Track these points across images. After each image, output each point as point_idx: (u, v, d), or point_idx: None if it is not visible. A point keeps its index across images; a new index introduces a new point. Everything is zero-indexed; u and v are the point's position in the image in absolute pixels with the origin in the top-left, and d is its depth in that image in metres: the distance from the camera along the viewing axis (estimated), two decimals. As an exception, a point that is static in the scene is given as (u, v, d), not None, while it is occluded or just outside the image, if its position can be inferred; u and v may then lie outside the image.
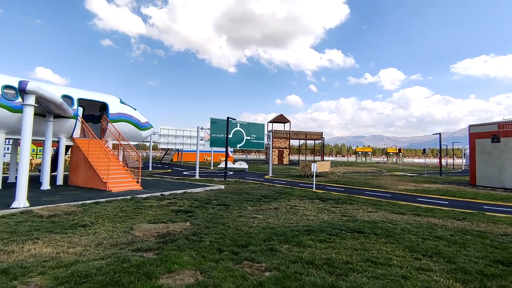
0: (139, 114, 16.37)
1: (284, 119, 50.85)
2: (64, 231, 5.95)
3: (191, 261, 4.47)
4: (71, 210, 7.78)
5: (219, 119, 20.41)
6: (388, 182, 18.78)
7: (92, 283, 3.70)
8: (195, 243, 5.33)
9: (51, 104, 10.15)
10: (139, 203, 9.17)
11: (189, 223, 6.80)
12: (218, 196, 11.21)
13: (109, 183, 11.56)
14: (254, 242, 5.46)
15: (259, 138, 22.54)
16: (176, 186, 13.56)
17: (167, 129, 31.70)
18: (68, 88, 13.88)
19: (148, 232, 6.02)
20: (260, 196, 11.44)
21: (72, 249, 4.93)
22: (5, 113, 11.00)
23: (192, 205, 9.10)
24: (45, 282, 3.73)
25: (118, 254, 4.71)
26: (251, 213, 8.17)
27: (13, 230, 5.92)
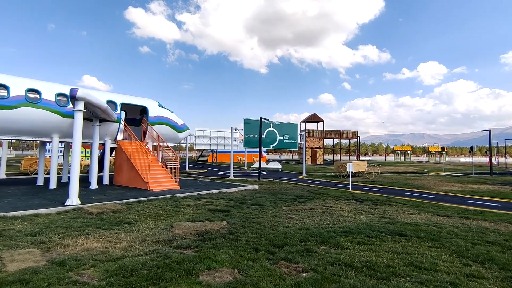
0: (176, 116, 17.03)
1: (317, 118, 50.00)
2: (111, 228, 6.37)
3: (228, 260, 4.58)
4: (116, 208, 8.32)
5: (252, 119, 20.59)
6: (430, 183, 17.71)
7: (138, 277, 3.92)
8: (232, 242, 5.44)
9: (97, 109, 10.92)
10: (178, 202, 9.55)
11: (226, 222, 6.95)
12: (253, 196, 11.32)
13: (150, 182, 12.17)
14: (290, 242, 5.45)
15: (292, 138, 22.39)
16: (211, 186, 13.92)
17: (202, 131, 32.62)
18: (111, 94, 14.84)
19: (187, 230, 6.25)
20: (295, 196, 11.37)
21: (119, 245, 5.26)
22: (58, 119, 12.03)
23: (228, 205, 9.28)
24: (96, 274, 4.03)
25: (160, 251, 4.95)
26: (286, 213, 8.15)
27: (67, 225, 6.46)
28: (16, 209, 7.71)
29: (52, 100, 11.90)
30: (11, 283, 3.70)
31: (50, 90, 12.02)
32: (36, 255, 4.68)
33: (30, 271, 4.03)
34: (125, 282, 3.77)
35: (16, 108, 10.99)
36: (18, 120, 11.16)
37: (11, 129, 11.29)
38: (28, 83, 11.65)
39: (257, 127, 19.93)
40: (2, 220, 6.74)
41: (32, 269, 4.10)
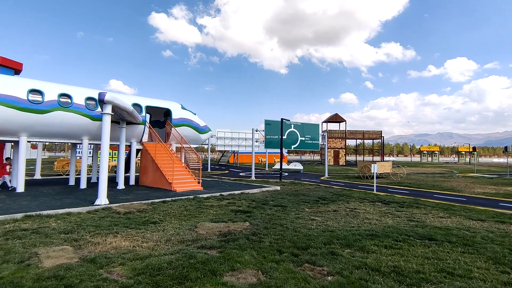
0: (198, 118, 17.32)
1: (339, 119, 49.12)
2: (138, 227, 6.56)
3: (252, 261, 4.58)
4: (142, 208, 8.56)
5: (273, 120, 20.54)
6: (461, 185, 16.88)
7: (164, 276, 4.01)
8: (255, 243, 5.44)
9: (124, 112, 11.31)
10: (201, 203, 9.69)
11: (248, 223, 6.97)
12: (275, 197, 11.28)
13: (174, 183, 12.44)
14: (313, 244, 5.37)
15: (313, 139, 22.12)
16: (233, 187, 14.01)
17: (223, 132, 32.97)
18: (137, 97, 15.32)
19: (211, 230, 6.33)
20: (317, 197, 11.21)
21: (146, 244, 5.41)
22: (88, 122, 12.58)
23: (250, 206, 9.30)
24: (125, 272, 4.16)
25: (185, 251, 5.04)
26: (309, 215, 8.05)
27: (97, 224, 6.73)
28: (50, 208, 8.13)
29: (82, 104, 12.46)
30: (47, 278, 3.89)
31: (80, 95, 12.60)
32: (69, 252, 4.91)
33: (64, 268, 4.23)
34: (152, 281, 3.87)
35: (50, 112, 11.60)
36: (52, 124, 11.77)
37: (45, 132, 11.93)
38: (60, 88, 12.26)
39: (278, 128, 19.86)
40: (38, 218, 7.13)
41: (66, 266, 4.30)
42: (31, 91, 11.35)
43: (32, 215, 7.36)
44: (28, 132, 11.55)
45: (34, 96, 11.40)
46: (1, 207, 8.32)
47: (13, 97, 10.88)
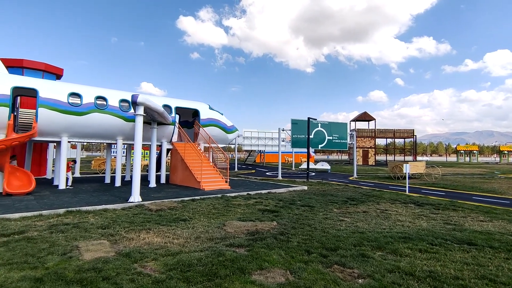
0: (225, 118, 17.57)
1: (368, 117, 47.65)
2: (169, 224, 6.79)
3: (280, 260, 4.58)
4: (173, 205, 8.84)
5: (300, 120, 20.34)
6: (503, 186, 15.72)
7: (194, 272, 4.12)
8: (283, 243, 5.43)
9: (155, 113, 11.74)
10: (229, 202, 9.82)
11: (276, 223, 6.97)
12: (302, 197, 11.18)
13: (202, 182, 12.72)
14: (343, 246, 5.26)
15: (341, 138, 21.65)
16: (260, 186, 14.06)
17: (250, 132, 33.17)
18: (167, 99, 15.84)
19: (239, 229, 6.40)
20: (346, 198, 10.96)
21: (176, 240, 5.58)
22: (122, 123, 13.20)
23: (277, 205, 9.29)
24: (157, 267, 4.32)
25: (214, 248, 5.13)
26: (338, 216, 7.89)
27: (131, 220, 7.04)
28: (89, 204, 8.63)
29: (116, 106, 13.10)
30: (87, 270, 4.14)
31: (114, 97, 13.25)
32: (106, 246, 5.18)
33: (102, 261, 4.47)
34: (183, 277, 3.98)
35: (88, 114, 12.32)
36: (89, 125, 12.49)
37: (83, 133, 12.68)
38: (96, 91, 12.98)
39: (305, 127, 19.65)
40: (78, 214, 7.60)
41: (104, 259, 4.55)
42: (71, 94, 12.11)
43: (73, 210, 7.86)
44: (68, 133, 12.33)
45: (74, 99, 12.15)
46: (45, 202, 8.97)
47: (55, 100, 11.68)
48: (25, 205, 8.41)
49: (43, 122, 11.45)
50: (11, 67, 13.92)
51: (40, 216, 7.32)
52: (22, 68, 15.15)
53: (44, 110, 11.42)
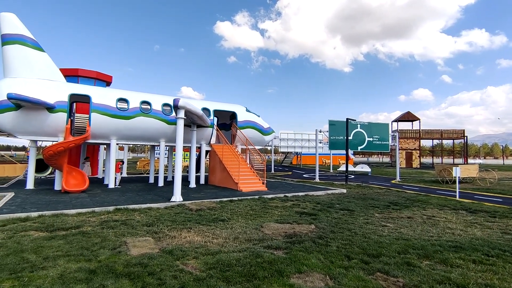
0: (262, 120, 17.70)
1: (411, 117, 44.96)
2: (208, 224, 6.99)
3: (319, 265, 4.49)
4: (212, 206, 9.09)
5: (338, 121, 19.83)
6: None
7: (233, 272, 4.19)
8: (322, 247, 5.32)
9: (194, 116, 12.18)
10: (266, 203, 9.86)
11: (314, 226, 6.85)
12: (341, 200, 10.87)
13: (240, 183, 12.92)
14: (386, 253, 5.02)
15: (382, 139, 20.68)
16: (297, 188, 13.93)
17: (286, 133, 33.02)
18: (205, 102, 16.36)
19: (276, 231, 6.39)
20: (388, 202, 10.45)
21: (216, 240, 5.73)
22: (164, 126, 13.89)
23: (315, 208, 9.13)
24: (198, 266, 4.47)
25: (252, 249, 5.19)
26: (379, 221, 7.55)
27: (173, 219, 7.37)
28: (135, 203, 9.19)
29: (159, 110, 13.81)
30: (134, 265, 4.41)
31: (157, 101, 13.98)
32: (151, 243, 5.48)
33: (147, 257, 4.73)
34: (223, 276, 4.08)
35: (134, 118, 13.14)
36: (135, 128, 13.32)
37: (130, 136, 13.55)
38: (141, 96, 13.80)
39: (343, 128, 19.09)
40: (125, 211, 8.13)
41: (149, 255, 4.81)
42: (119, 99, 13.01)
43: (121, 208, 8.42)
44: (117, 136, 13.25)
45: (122, 104, 13.04)
46: (97, 200, 9.72)
47: (105, 106, 12.63)
48: (80, 202, 9.18)
49: (95, 125, 12.43)
50: (68, 76, 15.29)
51: (93, 212, 7.95)
52: (77, 77, 16.58)
53: (96, 115, 12.40)
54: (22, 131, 11.74)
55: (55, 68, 12.91)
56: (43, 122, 11.67)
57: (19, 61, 11.89)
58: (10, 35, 11.88)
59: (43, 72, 12.28)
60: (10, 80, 11.52)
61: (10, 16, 12.10)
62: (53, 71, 12.74)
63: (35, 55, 12.25)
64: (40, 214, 7.44)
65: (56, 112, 11.75)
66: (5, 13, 12.08)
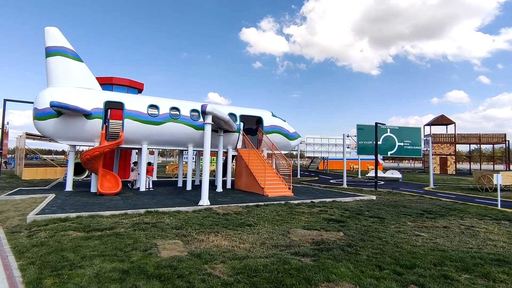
0: (288, 125, 17.62)
1: (445, 120, 42.68)
2: (235, 228, 7.03)
3: (348, 274, 4.36)
4: (238, 210, 9.15)
5: (366, 125, 19.30)
6: None
7: (260, 278, 4.18)
8: (351, 255, 5.17)
9: (221, 121, 12.38)
10: (292, 209, 9.76)
11: (342, 233, 6.68)
12: (370, 207, 10.52)
13: (266, 188, 12.91)
14: (420, 264, 4.78)
15: (414, 144, 19.81)
16: (324, 194, 13.67)
17: (312, 138, 32.63)
18: (231, 107, 16.59)
19: (303, 237, 6.31)
20: (421, 210, 9.96)
21: (243, 245, 5.75)
22: (192, 131, 14.24)
23: (343, 215, 8.91)
24: (226, 270, 4.50)
25: (279, 255, 5.15)
26: (412, 230, 7.21)
27: (201, 222, 7.50)
28: (164, 206, 9.47)
29: (187, 116, 14.20)
30: (164, 267, 4.53)
31: (186, 107, 14.38)
32: (180, 246, 5.60)
33: (177, 259, 4.84)
34: (250, 282, 4.08)
35: (164, 123, 13.61)
36: (165, 133, 13.78)
37: (160, 141, 14.04)
38: (170, 103, 14.26)
39: (372, 132, 18.52)
40: (156, 214, 8.40)
41: (178, 258, 4.92)
42: (150, 106, 13.54)
43: (152, 211, 8.71)
44: (148, 141, 13.78)
45: (152, 110, 13.55)
46: (129, 202, 10.12)
47: (137, 112, 13.19)
48: (114, 205, 9.62)
49: (128, 131, 13.01)
50: (103, 84, 16.16)
51: (126, 214, 8.29)
52: (111, 85, 17.50)
53: (129, 121, 12.99)
54: (62, 136, 12.54)
55: (92, 77, 13.72)
56: (81, 128, 12.40)
57: (60, 71, 12.76)
58: (53, 47, 12.81)
59: (81, 81, 13.09)
60: (53, 89, 12.38)
61: (53, 30, 13.06)
62: (90, 80, 13.55)
63: (75, 66, 13.10)
64: (78, 215, 7.88)
65: (93, 119, 12.45)
66: (49, 27, 13.06)
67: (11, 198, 11.03)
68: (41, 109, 11.90)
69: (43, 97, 11.98)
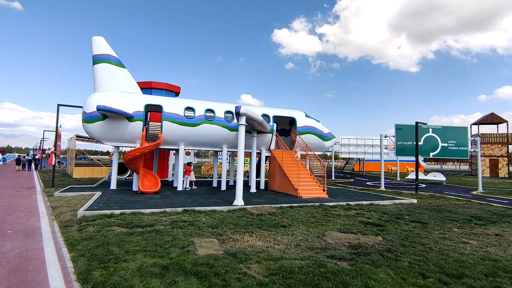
0: (322, 125, 17.29)
1: (496, 119, 39.17)
2: (269, 229, 7.04)
3: (389, 280, 4.18)
4: (272, 211, 9.15)
5: (405, 124, 18.36)
6: None
7: (296, 280, 4.15)
8: (391, 261, 4.94)
9: (255, 122, 12.47)
10: (327, 211, 9.56)
11: (381, 238, 6.41)
12: (411, 211, 9.98)
13: (300, 189, 12.78)
14: (469, 274, 4.44)
15: (460, 145, 18.44)
16: (361, 197, 13.22)
17: (347, 139, 31.69)
18: (265, 108, 16.64)
19: (340, 240, 6.15)
20: (469, 216, 9.25)
21: (277, 246, 5.74)
22: (226, 132, 14.51)
23: (381, 219, 8.55)
24: (261, 270, 4.52)
25: (315, 258, 5.07)
26: (459, 237, 6.72)
27: (236, 222, 7.61)
28: (200, 205, 9.75)
29: (222, 117, 14.50)
30: (201, 265, 4.66)
31: (220, 109, 14.70)
32: (216, 245, 5.73)
33: (213, 258, 4.96)
34: (285, 283, 4.06)
35: (199, 125, 14.03)
36: (201, 134, 14.19)
37: (196, 142, 14.48)
38: (205, 105, 14.66)
39: (412, 132, 17.57)
40: (192, 213, 8.67)
41: (214, 256, 5.04)
42: (186, 108, 14.03)
43: (188, 209, 9.01)
44: (185, 142, 14.28)
45: (189, 112, 14.03)
46: (168, 201, 10.56)
47: (175, 114, 13.73)
48: (153, 203, 10.09)
49: (166, 133, 13.59)
50: (143, 88, 17.03)
51: (164, 212, 8.66)
52: (151, 89, 18.38)
53: (167, 123, 13.56)
54: (107, 138, 13.42)
55: (133, 81, 14.53)
56: (124, 130, 13.18)
57: (106, 77, 13.68)
58: (100, 55, 13.77)
59: (124, 86, 13.93)
60: (99, 94, 13.30)
61: (99, 39, 14.04)
62: (132, 84, 14.36)
63: (118, 72, 13.97)
64: (121, 212, 8.39)
65: (134, 121, 13.17)
66: (96, 36, 14.06)
67: (63, 195, 12.01)
68: (89, 112, 12.83)
69: (91, 102, 12.91)
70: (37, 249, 5.37)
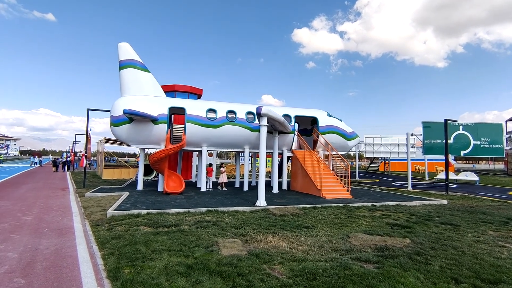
0: (344, 124, 16.94)
1: (537, 114, 36.62)
2: (292, 230, 6.99)
3: (418, 285, 4.02)
4: (295, 212, 9.08)
5: (433, 122, 17.64)
6: None
7: (320, 282, 4.09)
8: (421, 265, 4.75)
9: (276, 122, 12.44)
10: (352, 212, 9.35)
11: (409, 240, 6.18)
12: (441, 212, 9.55)
13: (323, 190, 12.59)
14: (507, 279, 4.18)
15: (494, 142, 17.44)
16: (386, 197, 12.82)
17: (372, 138, 30.87)
18: (286, 108, 16.55)
19: (365, 242, 5.99)
20: (506, 218, 8.70)
21: (300, 247, 5.69)
22: (248, 133, 14.58)
23: (409, 220, 8.24)
24: (284, 272, 4.50)
25: (339, 260, 4.97)
26: (495, 240, 6.35)
27: (258, 223, 7.62)
28: (223, 206, 9.86)
29: (243, 118, 14.58)
30: (225, 265, 4.70)
31: (241, 110, 14.79)
32: (239, 245, 5.77)
33: (236, 258, 4.99)
34: (309, 285, 4.01)
35: (221, 126, 14.19)
36: (223, 136, 14.35)
37: (218, 143, 14.67)
38: (227, 106, 14.80)
39: (440, 130, 16.81)
40: (216, 213, 8.78)
41: (237, 256, 5.07)
42: (208, 110, 14.24)
43: (212, 210, 9.13)
44: (207, 143, 14.50)
45: (211, 114, 14.23)
46: (192, 201, 10.76)
47: (198, 116, 13.98)
48: (178, 203, 10.32)
49: (189, 134, 13.87)
50: (167, 92, 17.48)
51: (189, 212, 8.83)
52: (174, 92, 18.83)
53: (190, 125, 13.84)
54: (134, 140, 13.90)
55: (158, 85, 14.95)
56: (149, 132, 13.59)
57: (131, 82, 14.18)
58: (125, 60, 14.29)
59: (149, 90, 14.36)
60: (125, 98, 13.80)
61: (125, 45, 14.57)
62: (156, 88, 14.77)
63: (143, 76, 14.43)
64: (148, 212, 8.65)
65: (159, 124, 13.55)
66: (122, 43, 14.61)
67: (94, 195, 12.58)
68: (116, 116, 13.34)
69: (118, 106, 13.42)
70: (71, 247, 5.65)
